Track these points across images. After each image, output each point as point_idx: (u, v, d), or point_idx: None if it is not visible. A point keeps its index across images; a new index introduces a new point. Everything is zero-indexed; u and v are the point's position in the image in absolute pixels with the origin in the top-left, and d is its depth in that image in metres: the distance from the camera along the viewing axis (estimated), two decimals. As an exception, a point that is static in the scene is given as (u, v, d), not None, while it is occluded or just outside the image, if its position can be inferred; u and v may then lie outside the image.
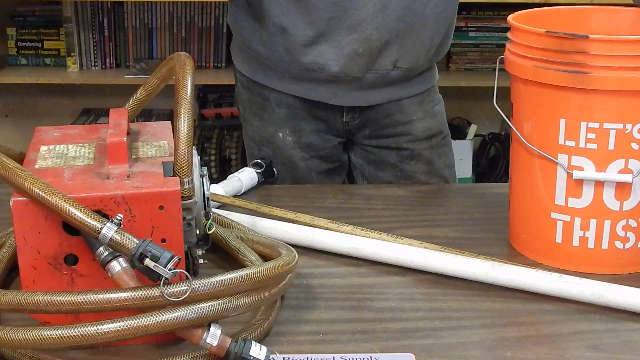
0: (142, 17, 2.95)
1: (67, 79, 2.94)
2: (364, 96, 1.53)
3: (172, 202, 0.93)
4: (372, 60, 1.46)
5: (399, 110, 1.56)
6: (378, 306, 1.06)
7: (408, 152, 1.58)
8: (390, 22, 1.43)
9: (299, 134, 1.56)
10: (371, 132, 1.58)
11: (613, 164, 1.10)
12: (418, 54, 1.50)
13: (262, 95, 1.56)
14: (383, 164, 1.60)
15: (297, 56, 1.47)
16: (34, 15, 2.99)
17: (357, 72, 1.47)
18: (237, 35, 1.58)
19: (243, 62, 1.59)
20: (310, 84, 1.51)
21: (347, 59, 1.45)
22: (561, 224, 1.14)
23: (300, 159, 1.57)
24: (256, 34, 1.51)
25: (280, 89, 1.54)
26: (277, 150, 1.57)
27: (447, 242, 1.20)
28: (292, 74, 1.51)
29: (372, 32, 1.43)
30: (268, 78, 1.54)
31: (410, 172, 1.59)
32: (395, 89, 1.54)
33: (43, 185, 0.88)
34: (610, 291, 1.04)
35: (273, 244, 1.09)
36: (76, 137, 1.09)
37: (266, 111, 1.56)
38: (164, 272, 0.84)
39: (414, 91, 1.57)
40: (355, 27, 1.43)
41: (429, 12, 1.46)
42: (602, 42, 1.07)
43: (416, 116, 1.58)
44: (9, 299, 0.86)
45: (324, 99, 1.53)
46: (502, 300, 1.07)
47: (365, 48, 1.44)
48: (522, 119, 1.16)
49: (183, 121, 0.96)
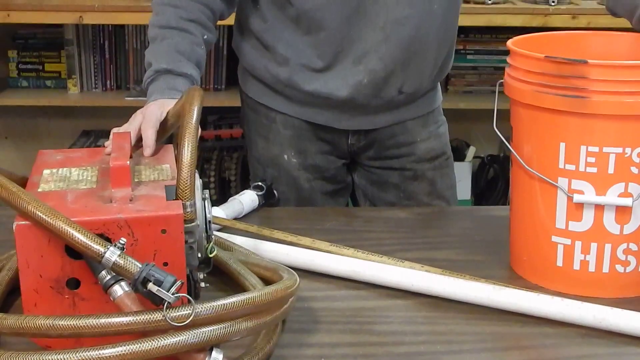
0: (142, 39, 2.97)
1: (67, 100, 2.94)
2: (370, 120, 1.54)
3: (175, 226, 0.94)
4: (378, 89, 1.47)
5: (404, 131, 1.57)
6: (379, 330, 1.06)
7: (411, 172, 1.59)
8: (394, 53, 1.44)
9: (304, 155, 1.56)
10: (375, 154, 1.59)
11: (613, 188, 1.10)
12: (422, 78, 1.51)
13: (268, 117, 1.57)
14: (386, 184, 1.60)
15: (301, 85, 1.48)
16: (35, 37, 3.00)
17: (362, 100, 1.48)
18: (243, 60, 1.59)
19: (249, 85, 1.59)
20: (315, 108, 1.52)
21: (353, 89, 1.46)
22: (562, 247, 1.14)
23: (305, 180, 1.57)
24: (261, 62, 1.52)
25: (285, 112, 1.55)
26: (282, 172, 1.57)
27: (447, 265, 1.20)
28: (297, 99, 1.51)
29: (377, 63, 1.44)
30: (274, 101, 1.55)
31: (412, 193, 1.60)
32: (400, 111, 1.55)
33: (46, 209, 0.89)
34: (612, 315, 1.04)
35: (274, 267, 1.09)
36: (79, 160, 1.09)
37: (272, 132, 1.57)
38: (167, 296, 0.84)
39: (419, 112, 1.58)
40: (360, 58, 1.44)
41: (432, 39, 1.47)
42: (601, 67, 1.08)
43: (420, 137, 1.59)
44: (10, 323, 0.86)
45: (329, 123, 1.54)
46: (503, 324, 1.07)
47: (370, 79, 1.45)
48: (522, 142, 1.17)
49: (187, 146, 0.97)
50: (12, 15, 2.65)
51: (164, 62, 1.37)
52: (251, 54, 1.53)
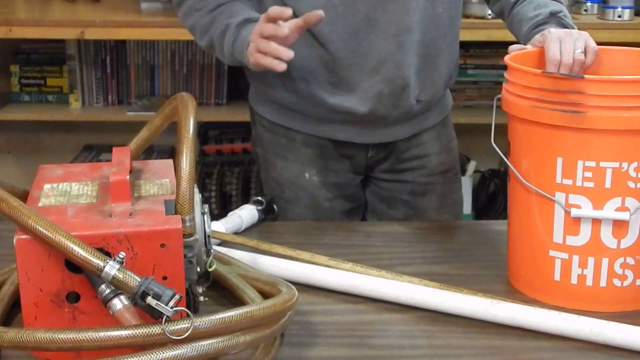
0: (144, 54, 2.98)
1: (69, 115, 2.95)
2: (390, 132, 1.54)
3: (174, 240, 0.94)
4: (397, 98, 1.48)
5: (419, 144, 1.58)
6: (378, 343, 1.06)
7: (421, 187, 1.60)
8: (408, 59, 1.45)
9: (325, 173, 1.56)
10: (389, 166, 1.59)
11: (610, 202, 1.11)
12: (436, 84, 1.53)
13: (288, 136, 1.56)
14: (395, 201, 1.61)
15: (322, 100, 1.48)
16: (37, 52, 3.02)
17: (384, 111, 1.48)
18: (257, 82, 1.57)
19: (264, 107, 1.58)
20: (336, 125, 1.52)
21: (374, 101, 1.47)
22: (559, 261, 1.15)
23: (325, 199, 1.57)
24: (279, 82, 1.50)
25: (305, 131, 1.54)
26: (301, 192, 1.56)
27: (446, 279, 1.20)
28: (317, 116, 1.51)
29: (394, 71, 1.45)
30: (293, 121, 1.54)
31: (421, 208, 1.60)
32: (418, 120, 1.56)
33: (46, 223, 0.89)
34: (609, 329, 1.04)
35: (273, 282, 1.09)
36: (79, 175, 1.10)
37: (292, 152, 1.56)
38: (166, 310, 0.85)
39: (434, 121, 1.60)
40: (377, 69, 1.45)
41: (441, 43, 1.49)
42: (598, 82, 1.09)
43: (433, 150, 1.60)
44: (10, 337, 0.86)
45: (350, 139, 1.54)
46: (501, 338, 1.08)
47: (390, 88, 1.46)
48: (520, 157, 1.18)
49: (185, 160, 0.97)
50: (14, 31, 2.67)
51: (238, 16, 1.40)
52: (268, 75, 1.49)
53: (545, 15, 1.40)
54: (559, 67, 1.21)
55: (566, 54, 1.22)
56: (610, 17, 2.65)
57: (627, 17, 2.64)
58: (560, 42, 1.24)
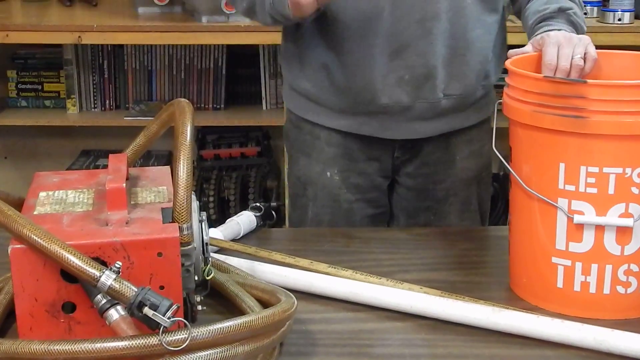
0: (141, 59, 2.97)
1: (66, 120, 2.94)
2: (415, 127, 1.51)
3: (171, 249, 0.93)
4: (419, 87, 1.46)
5: (446, 147, 1.55)
6: (378, 352, 1.05)
7: (444, 192, 1.57)
8: (433, 48, 1.44)
9: (347, 173, 1.55)
10: (415, 169, 1.57)
11: (613, 209, 1.09)
12: (467, 81, 1.49)
13: (313, 134, 1.56)
14: (418, 210, 1.59)
15: (344, 85, 1.47)
16: (34, 57, 3.01)
17: (406, 100, 1.46)
18: (287, 75, 1.59)
19: (292, 101, 1.59)
20: (360, 117, 1.51)
21: (394, 86, 1.45)
22: (562, 268, 1.14)
23: (345, 201, 1.56)
24: (303, 72, 1.52)
25: (330, 126, 1.54)
26: (322, 190, 1.56)
27: (447, 287, 1.19)
28: (341, 108, 1.51)
29: (416, 59, 1.44)
30: (317, 115, 1.54)
31: (444, 213, 1.58)
32: (446, 120, 1.52)
33: (41, 233, 0.88)
34: (613, 337, 1.03)
35: (272, 290, 1.08)
36: (75, 182, 1.09)
37: (315, 149, 1.56)
38: (163, 320, 0.84)
39: (467, 123, 1.55)
40: (398, 53, 1.43)
41: (470, 36, 1.46)
42: (601, 86, 1.08)
43: (460, 155, 1.57)
44: (5, 348, 0.85)
45: (374, 133, 1.52)
46: (502, 346, 1.07)
47: (411, 75, 1.44)
48: (521, 162, 1.16)
49: (182, 167, 0.96)
50: (11, 36, 2.66)
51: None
52: (294, 65, 1.53)
53: (552, 10, 1.38)
54: (554, 71, 1.20)
55: (563, 59, 1.21)
56: (610, 20, 2.64)
57: (627, 21, 2.63)
58: (559, 46, 1.23)
